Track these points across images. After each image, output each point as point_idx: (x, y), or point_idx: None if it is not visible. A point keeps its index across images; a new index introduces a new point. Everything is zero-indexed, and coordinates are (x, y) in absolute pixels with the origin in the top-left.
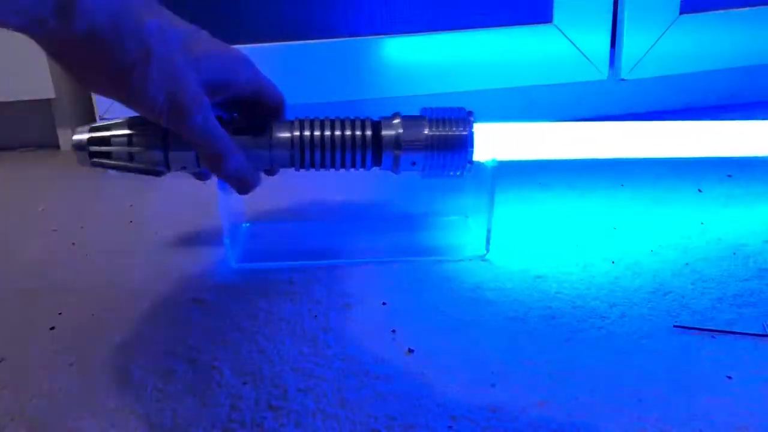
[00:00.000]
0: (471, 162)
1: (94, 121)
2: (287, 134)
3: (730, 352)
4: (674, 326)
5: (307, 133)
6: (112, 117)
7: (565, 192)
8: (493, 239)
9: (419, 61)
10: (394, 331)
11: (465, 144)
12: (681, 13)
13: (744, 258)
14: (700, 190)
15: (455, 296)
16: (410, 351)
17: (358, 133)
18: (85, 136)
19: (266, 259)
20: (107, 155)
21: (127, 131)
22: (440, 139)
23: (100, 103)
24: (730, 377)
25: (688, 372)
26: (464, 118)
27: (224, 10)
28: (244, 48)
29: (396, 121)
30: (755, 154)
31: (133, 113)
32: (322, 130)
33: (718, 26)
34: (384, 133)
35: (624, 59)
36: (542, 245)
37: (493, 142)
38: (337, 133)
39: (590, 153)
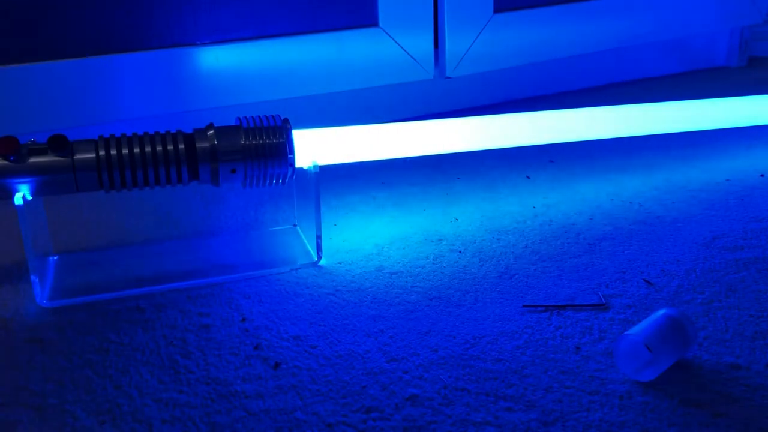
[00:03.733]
0: (293, 169)
1: None
2: (92, 154)
3: (575, 325)
4: (523, 306)
5: (114, 151)
6: None
7: (406, 189)
8: (348, 240)
9: (245, 69)
10: (257, 346)
11: (283, 151)
12: (495, 11)
13: (575, 235)
14: (528, 177)
15: (315, 303)
16: (277, 365)
17: (170, 147)
18: None
19: (83, 293)
20: None
21: None
22: (258, 148)
23: None
24: (578, 348)
25: (543, 348)
26: (280, 125)
27: (28, 24)
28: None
29: (210, 132)
30: (572, 138)
31: None
32: (131, 148)
33: (529, 23)
34: (198, 145)
35: (448, 58)
36: (393, 243)
37: (314, 147)
38: (148, 149)
39: (419, 151)
